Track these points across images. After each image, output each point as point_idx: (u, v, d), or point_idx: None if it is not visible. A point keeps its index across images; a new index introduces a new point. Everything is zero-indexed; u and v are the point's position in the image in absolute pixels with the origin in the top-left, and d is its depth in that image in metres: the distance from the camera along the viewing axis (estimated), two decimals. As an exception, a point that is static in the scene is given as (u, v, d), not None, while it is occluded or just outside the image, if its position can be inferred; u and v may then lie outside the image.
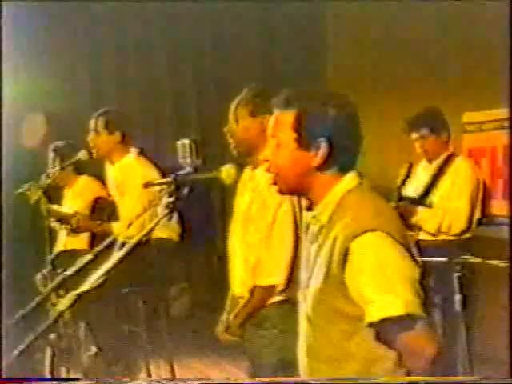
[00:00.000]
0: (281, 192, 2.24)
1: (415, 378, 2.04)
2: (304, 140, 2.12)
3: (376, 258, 2.02)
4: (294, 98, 2.16)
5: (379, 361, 2.07)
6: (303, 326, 2.22)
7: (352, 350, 2.08)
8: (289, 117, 2.14)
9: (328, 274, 2.06)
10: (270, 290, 3.18)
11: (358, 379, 2.09)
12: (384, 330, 2.04)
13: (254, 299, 3.21)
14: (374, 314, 2.00)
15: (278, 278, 3.15)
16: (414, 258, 2.06)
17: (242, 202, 3.33)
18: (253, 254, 3.22)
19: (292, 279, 3.07)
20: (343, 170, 2.15)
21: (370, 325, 2.03)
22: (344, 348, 2.09)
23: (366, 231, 2.01)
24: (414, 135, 4.63)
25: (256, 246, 3.20)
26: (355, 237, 2.01)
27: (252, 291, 3.21)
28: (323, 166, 2.12)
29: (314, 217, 2.18)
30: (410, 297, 1.99)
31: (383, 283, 2.00)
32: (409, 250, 2.06)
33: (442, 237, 4.55)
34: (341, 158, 2.13)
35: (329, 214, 2.12)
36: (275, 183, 2.20)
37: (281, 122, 2.17)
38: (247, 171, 3.32)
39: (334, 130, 2.11)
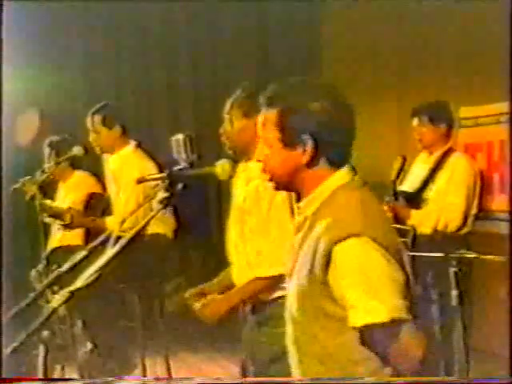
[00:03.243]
0: (277, 189, 2.22)
1: (411, 379, 2.01)
2: (288, 138, 2.08)
3: (359, 263, 1.96)
4: (276, 96, 2.11)
5: (363, 362, 2.03)
6: (288, 320, 2.18)
7: (334, 350, 2.04)
8: (272, 116, 2.10)
9: (311, 273, 2.02)
10: (271, 280, 3.09)
11: (353, 379, 2.06)
12: (368, 334, 1.99)
13: (250, 288, 3.14)
14: (358, 320, 1.96)
15: (280, 269, 3.09)
16: (400, 263, 2.00)
17: (237, 196, 3.30)
18: (252, 246, 3.17)
19: None
20: (333, 164, 2.10)
21: (354, 328, 1.99)
22: (327, 347, 2.05)
23: (349, 236, 1.96)
24: (415, 122, 4.67)
25: (254, 237, 3.16)
26: (338, 241, 1.96)
27: (251, 281, 3.14)
28: (312, 163, 2.08)
29: (298, 207, 2.16)
30: (396, 301, 1.94)
31: (367, 289, 1.95)
32: (395, 254, 2.00)
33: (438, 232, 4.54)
34: (329, 153, 2.08)
35: (314, 208, 2.08)
36: (271, 180, 2.17)
37: (266, 121, 2.12)
38: (241, 164, 3.29)
39: (318, 125, 2.05)
